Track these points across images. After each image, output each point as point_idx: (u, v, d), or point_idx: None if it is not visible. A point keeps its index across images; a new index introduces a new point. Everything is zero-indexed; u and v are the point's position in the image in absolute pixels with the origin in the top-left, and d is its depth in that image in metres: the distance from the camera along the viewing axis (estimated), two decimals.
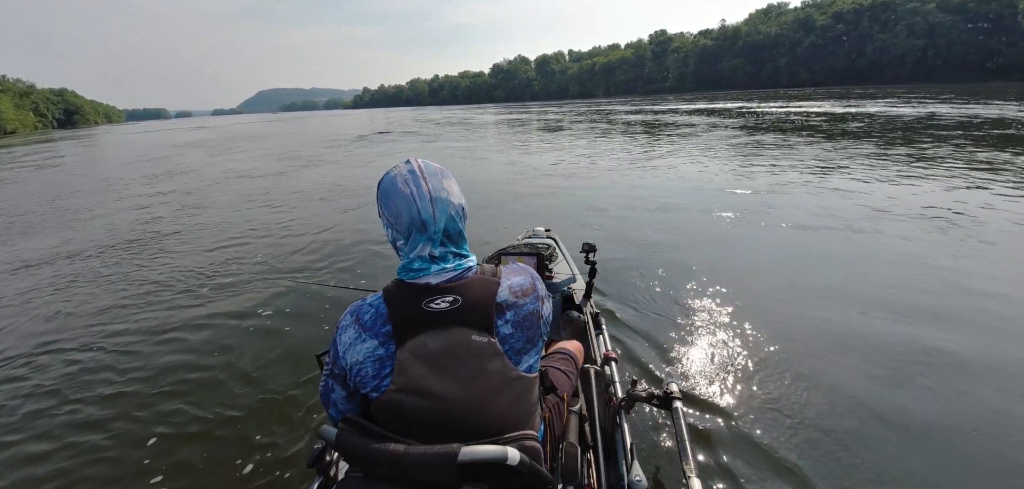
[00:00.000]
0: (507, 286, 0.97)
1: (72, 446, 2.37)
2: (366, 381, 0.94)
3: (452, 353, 0.91)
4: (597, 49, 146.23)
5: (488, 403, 0.91)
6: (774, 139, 12.62)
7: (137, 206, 8.41)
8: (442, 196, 0.97)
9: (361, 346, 0.94)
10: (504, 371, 0.93)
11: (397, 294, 0.95)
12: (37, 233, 6.86)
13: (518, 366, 0.96)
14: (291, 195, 8.68)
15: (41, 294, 4.41)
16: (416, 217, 0.94)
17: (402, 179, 0.97)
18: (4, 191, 11.38)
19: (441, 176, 1.00)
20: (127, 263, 5.16)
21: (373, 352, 0.93)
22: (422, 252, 0.96)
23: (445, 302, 0.92)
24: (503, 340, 0.94)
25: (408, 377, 0.90)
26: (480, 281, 0.96)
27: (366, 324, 0.95)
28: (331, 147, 18.21)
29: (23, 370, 3.09)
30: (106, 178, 12.62)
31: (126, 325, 3.68)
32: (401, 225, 0.96)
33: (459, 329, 0.91)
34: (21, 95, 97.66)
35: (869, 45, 75.26)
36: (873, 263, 4.02)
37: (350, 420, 0.88)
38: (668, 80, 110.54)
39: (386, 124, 35.28)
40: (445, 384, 0.90)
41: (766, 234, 4.97)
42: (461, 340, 0.91)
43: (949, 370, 2.56)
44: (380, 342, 0.93)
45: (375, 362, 0.93)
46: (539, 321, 1.01)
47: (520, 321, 0.96)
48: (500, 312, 0.94)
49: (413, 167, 0.99)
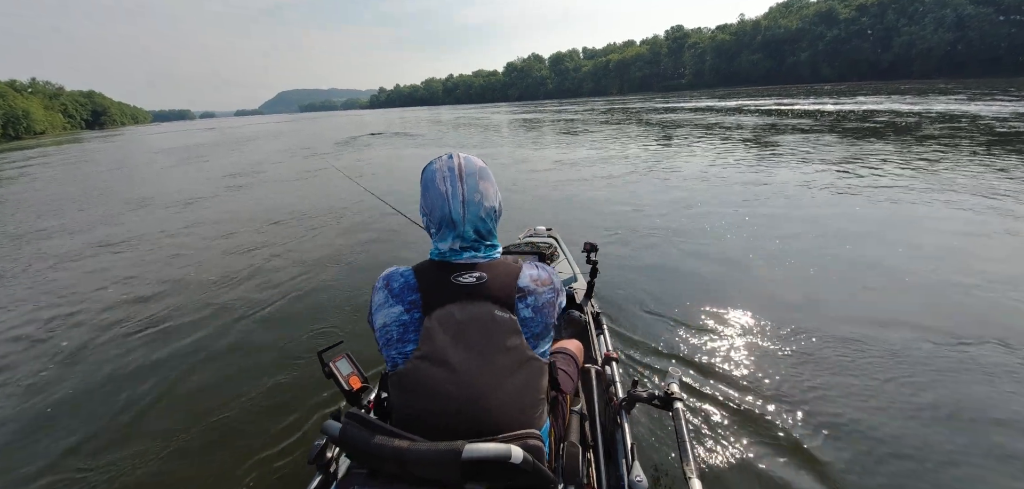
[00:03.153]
0: (528, 274, 1.04)
1: (71, 443, 2.39)
2: (391, 343, 1.00)
3: (477, 324, 0.96)
4: (612, 46, 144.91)
5: (505, 379, 0.95)
6: (792, 139, 12.26)
7: (148, 199, 8.47)
8: (475, 198, 1.03)
9: (388, 310, 1.01)
10: (521, 349, 0.98)
11: (428, 269, 1.02)
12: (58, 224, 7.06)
13: (534, 350, 1.01)
14: (295, 195, 8.67)
15: (67, 285, 4.35)
16: (447, 215, 1.01)
17: (441, 175, 1.02)
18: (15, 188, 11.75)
19: (479, 177, 1.05)
20: (130, 254, 5.21)
21: (398, 318, 0.99)
22: (453, 245, 1.03)
23: (472, 277, 0.99)
24: (523, 323, 0.99)
25: (433, 345, 0.95)
26: (504, 264, 1.04)
27: (394, 291, 1.01)
28: (322, 151, 18.40)
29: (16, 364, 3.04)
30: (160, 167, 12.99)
31: (128, 315, 3.74)
32: (434, 218, 1.04)
33: (484, 303, 0.97)
34: (50, 97, 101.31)
35: (895, 39, 72.79)
36: (880, 268, 3.85)
37: (353, 416, 0.89)
38: (684, 76, 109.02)
39: (386, 125, 35.58)
40: (466, 355, 0.94)
41: (770, 235, 4.89)
42: (486, 313, 0.97)
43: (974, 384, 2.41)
44: (405, 309, 0.99)
45: (400, 327, 0.99)
46: (554, 311, 1.06)
47: (539, 307, 1.02)
48: (522, 296, 1.00)
49: (454, 164, 1.03)
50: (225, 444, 2.33)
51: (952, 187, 6.44)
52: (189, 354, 3.22)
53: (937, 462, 1.98)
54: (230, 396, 2.70)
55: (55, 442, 2.44)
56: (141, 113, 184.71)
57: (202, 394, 2.76)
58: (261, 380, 2.83)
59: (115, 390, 2.86)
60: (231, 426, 2.45)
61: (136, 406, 2.69)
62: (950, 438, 2.09)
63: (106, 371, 3.08)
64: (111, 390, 2.87)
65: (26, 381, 3.04)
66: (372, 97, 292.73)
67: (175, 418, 2.55)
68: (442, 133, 24.41)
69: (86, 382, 2.97)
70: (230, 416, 2.53)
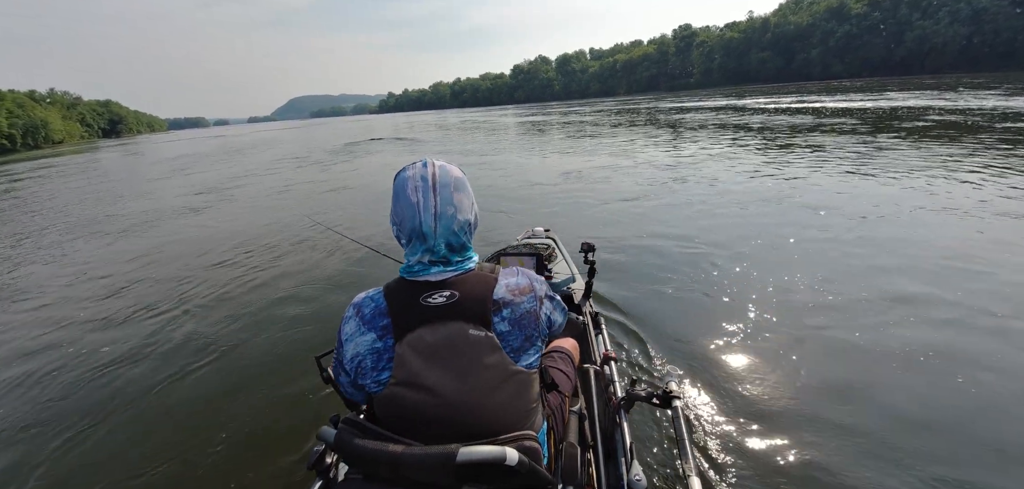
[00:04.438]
0: (504, 284, 0.99)
1: (68, 445, 2.42)
2: (365, 372, 0.96)
3: (450, 346, 0.92)
4: (619, 46, 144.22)
5: (487, 398, 0.92)
6: (801, 139, 12.04)
7: (148, 212, 8.53)
8: (449, 212, 0.97)
9: (361, 338, 0.96)
10: (502, 365, 0.94)
11: (397, 290, 0.98)
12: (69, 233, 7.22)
13: (517, 363, 0.96)
14: (300, 196, 8.72)
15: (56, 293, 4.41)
16: (417, 228, 0.96)
17: (413, 184, 0.97)
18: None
19: (454, 188, 0.99)
20: (124, 260, 5.25)
21: (371, 345, 0.95)
22: (422, 258, 0.98)
23: (442, 297, 0.94)
24: (501, 338, 0.95)
25: (408, 371, 0.91)
26: (477, 277, 0.98)
27: (366, 317, 0.97)
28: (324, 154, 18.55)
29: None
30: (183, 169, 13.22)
31: (127, 316, 3.80)
32: (404, 229, 0.99)
33: (456, 323, 0.93)
34: (68, 107, 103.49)
35: (908, 34, 71.50)
36: (888, 265, 3.84)
37: (349, 421, 0.88)
38: (692, 75, 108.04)
39: (392, 130, 35.37)
40: (443, 378, 0.91)
41: (771, 234, 4.80)
42: (458, 333, 0.92)
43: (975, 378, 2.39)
44: (378, 335, 0.95)
45: (373, 355, 0.95)
46: (537, 321, 1.01)
47: (517, 319, 0.97)
48: (497, 309, 0.96)
49: (427, 173, 0.97)
50: (225, 448, 2.33)
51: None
52: (189, 354, 3.24)
53: (938, 464, 1.96)
54: (230, 398, 2.71)
55: (47, 440, 2.45)
56: (156, 121, 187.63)
57: (201, 397, 2.77)
58: (261, 383, 2.84)
59: (116, 388, 2.90)
60: (231, 429, 2.46)
61: (135, 407, 2.71)
62: (954, 441, 2.08)
63: (110, 367, 3.13)
64: (110, 389, 2.90)
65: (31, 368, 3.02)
66: (381, 102, 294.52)
67: (173, 420, 2.57)
68: (442, 137, 24.18)
69: (87, 381, 3.02)
70: (230, 419, 2.53)
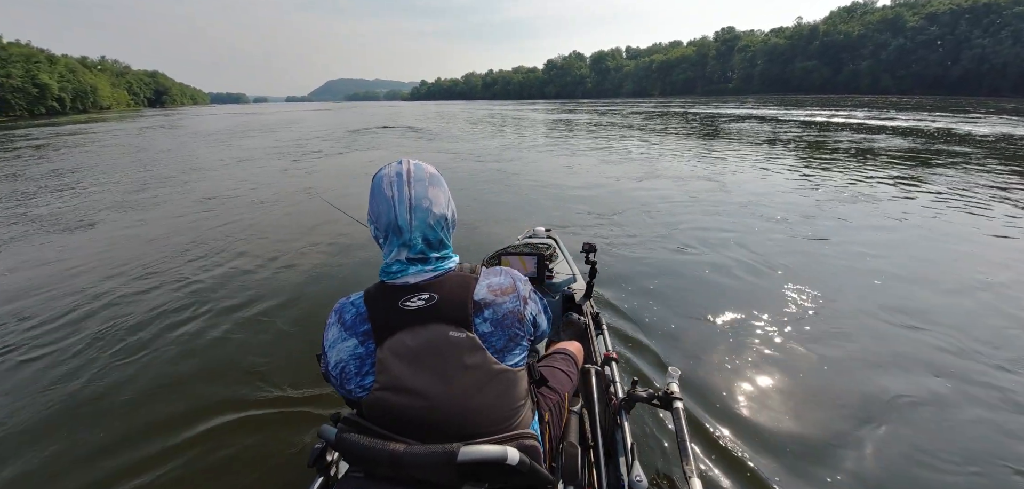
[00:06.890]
0: (485, 284, 0.99)
1: (67, 440, 2.38)
2: (349, 378, 0.96)
3: (431, 349, 0.92)
4: (657, 46, 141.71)
5: (472, 399, 0.93)
6: (831, 156, 11.38)
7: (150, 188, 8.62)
8: (423, 205, 0.98)
9: (343, 345, 0.97)
10: (485, 365, 0.94)
11: (376, 294, 0.98)
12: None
13: (502, 362, 0.97)
14: (302, 193, 8.60)
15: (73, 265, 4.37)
16: (393, 221, 0.98)
17: (388, 181, 0.99)
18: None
19: (428, 183, 1.01)
20: (126, 248, 5.22)
21: (353, 351, 0.95)
22: (399, 255, 0.99)
23: (421, 300, 0.94)
24: (483, 338, 0.95)
25: (391, 375, 0.92)
26: (457, 278, 0.98)
27: (347, 323, 0.97)
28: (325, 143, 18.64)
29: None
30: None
31: (128, 309, 3.73)
32: (381, 225, 1.00)
33: (436, 325, 0.93)
34: (117, 75, 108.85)
35: (966, 52, 67.55)
36: (889, 271, 3.87)
37: (350, 420, 0.89)
38: (731, 81, 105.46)
39: (423, 118, 35.45)
40: (428, 381, 0.91)
41: (775, 237, 4.80)
42: (438, 336, 0.92)
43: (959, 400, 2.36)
44: (359, 341, 0.95)
45: (356, 360, 0.95)
46: (520, 321, 1.01)
47: (499, 320, 0.97)
48: (478, 310, 0.96)
49: (402, 169, 1.00)
50: (224, 445, 2.29)
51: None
52: (188, 351, 3.21)
53: (940, 466, 1.98)
54: (229, 395, 2.68)
55: (44, 439, 2.43)
56: (200, 94, 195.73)
57: (199, 394, 2.73)
58: (261, 380, 2.80)
59: (113, 382, 2.87)
60: (230, 426, 2.42)
61: (134, 405, 2.68)
62: (960, 444, 2.09)
63: (108, 361, 3.09)
64: (107, 384, 2.87)
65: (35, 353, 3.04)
66: (413, 89, 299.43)
67: (171, 419, 2.53)
68: (469, 130, 23.91)
69: (84, 382, 3.00)
70: (229, 416, 2.50)
